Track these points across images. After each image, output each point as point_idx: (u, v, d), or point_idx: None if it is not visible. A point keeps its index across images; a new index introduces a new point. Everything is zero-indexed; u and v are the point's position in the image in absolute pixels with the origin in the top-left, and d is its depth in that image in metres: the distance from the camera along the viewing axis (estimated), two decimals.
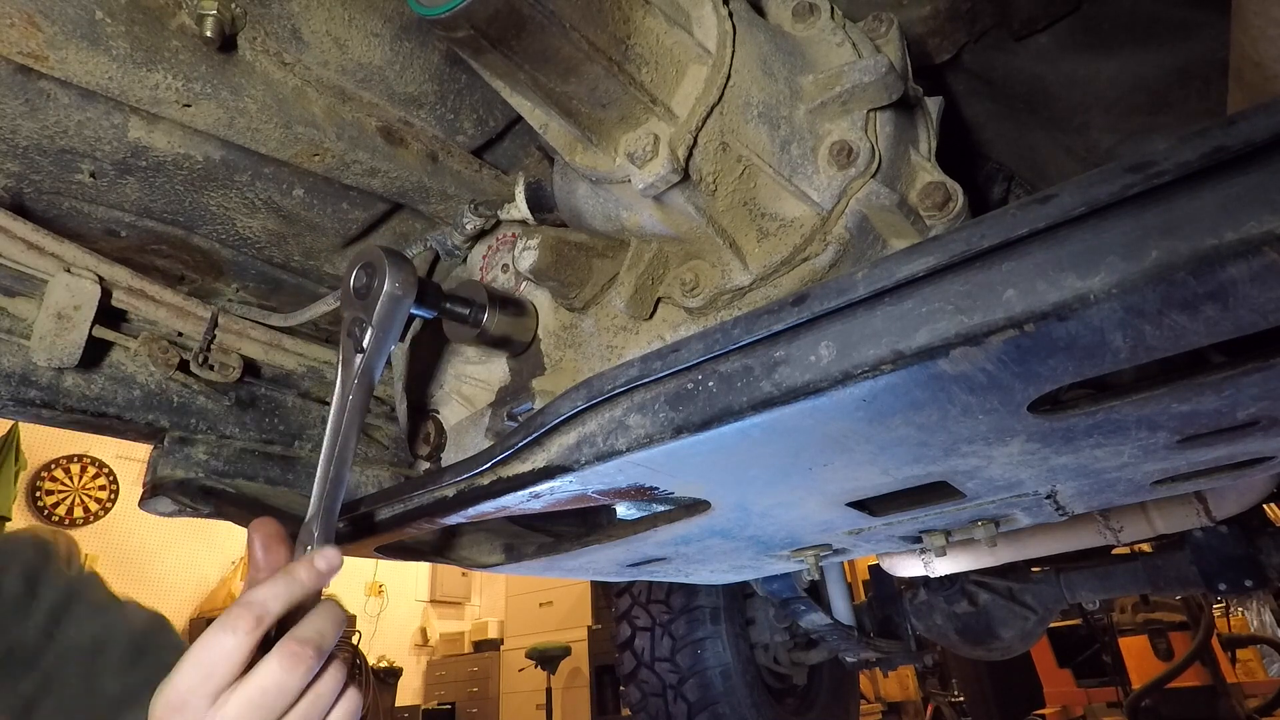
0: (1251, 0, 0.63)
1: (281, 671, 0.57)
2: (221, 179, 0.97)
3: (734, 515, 0.90)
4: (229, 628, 0.56)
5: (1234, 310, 0.45)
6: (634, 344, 0.87)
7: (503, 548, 1.18)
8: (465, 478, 0.78)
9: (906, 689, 5.60)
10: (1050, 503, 0.93)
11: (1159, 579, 1.94)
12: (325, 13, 0.87)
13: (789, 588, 1.89)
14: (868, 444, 0.67)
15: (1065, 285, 0.46)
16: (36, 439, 5.77)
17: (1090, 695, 4.21)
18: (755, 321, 0.58)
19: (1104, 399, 0.62)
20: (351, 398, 0.75)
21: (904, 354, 0.52)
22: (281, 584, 0.60)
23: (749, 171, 0.74)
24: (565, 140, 0.76)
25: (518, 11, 0.58)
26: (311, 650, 0.58)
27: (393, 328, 0.76)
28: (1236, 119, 0.42)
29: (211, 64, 0.83)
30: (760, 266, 0.76)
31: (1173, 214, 0.44)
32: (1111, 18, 0.98)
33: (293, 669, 0.57)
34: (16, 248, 0.89)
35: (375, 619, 7.77)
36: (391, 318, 0.76)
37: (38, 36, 0.72)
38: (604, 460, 0.67)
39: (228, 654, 0.56)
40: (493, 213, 1.01)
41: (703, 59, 0.70)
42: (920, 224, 0.76)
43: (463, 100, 1.02)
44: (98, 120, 0.85)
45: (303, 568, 0.63)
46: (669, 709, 2.12)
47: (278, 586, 0.60)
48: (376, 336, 0.75)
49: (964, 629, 2.12)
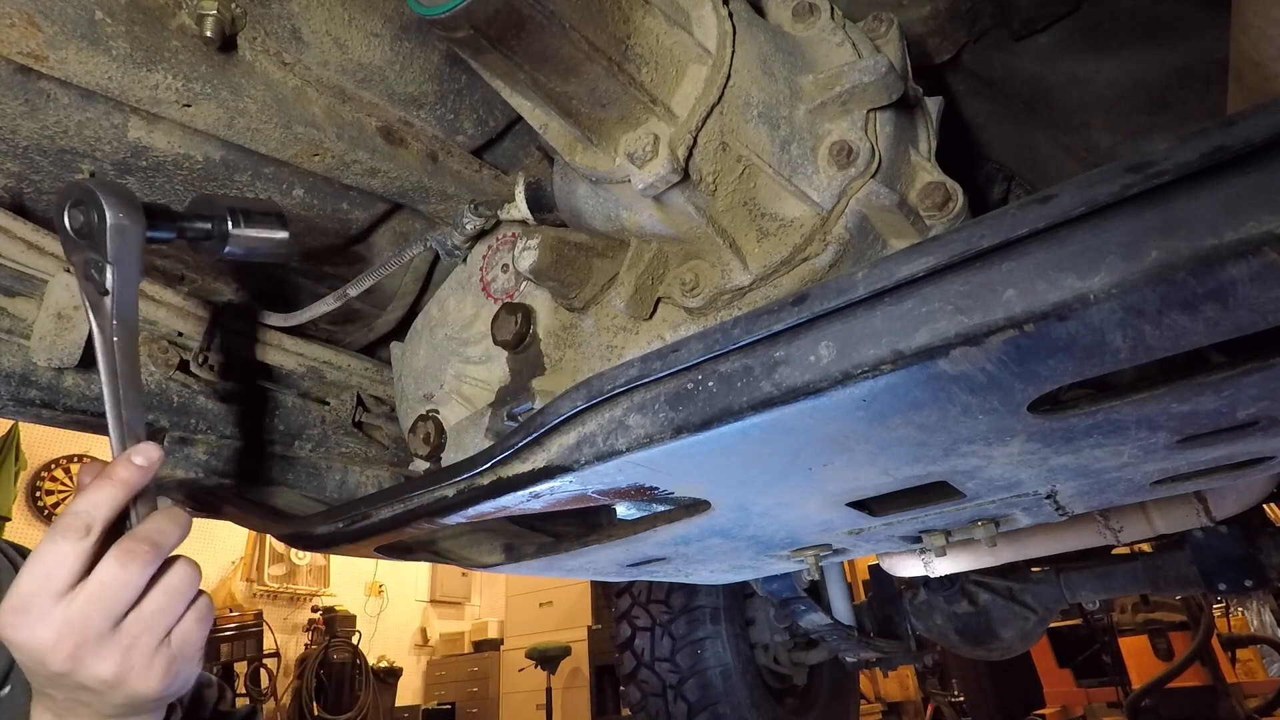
0: (1251, 0, 0.63)
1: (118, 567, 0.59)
2: (221, 179, 0.97)
3: (734, 515, 0.90)
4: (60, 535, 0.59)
5: (1234, 310, 0.45)
6: (634, 344, 0.87)
7: (503, 548, 1.18)
8: (465, 478, 0.78)
9: (906, 689, 5.60)
10: (1050, 503, 0.93)
11: (1159, 579, 1.93)
12: (325, 13, 0.87)
13: (789, 588, 1.89)
14: (868, 444, 0.67)
15: (1065, 285, 0.46)
16: (36, 439, 5.77)
17: (1090, 695, 4.22)
18: (755, 321, 0.58)
19: (1104, 399, 0.62)
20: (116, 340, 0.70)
21: (904, 354, 0.52)
22: (104, 487, 0.62)
23: (749, 171, 0.74)
24: (565, 140, 0.76)
25: (517, 11, 0.58)
26: (146, 546, 0.61)
27: (132, 258, 0.71)
28: (1236, 119, 0.42)
29: (211, 64, 0.83)
30: (760, 266, 0.76)
31: (1172, 214, 0.44)
32: (1111, 18, 0.98)
33: (127, 564, 0.60)
34: (16, 248, 0.89)
35: (375, 619, 7.77)
36: (127, 250, 0.71)
37: (38, 36, 0.72)
38: (604, 460, 0.67)
39: (64, 558, 0.58)
40: (493, 213, 1.01)
41: (703, 59, 0.70)
42: (920, 224, 0.76)
43: (463, 100, 1.02)
44: (98, 120, 0.85)
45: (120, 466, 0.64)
46: (669, 709, 2.12)
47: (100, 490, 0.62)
48: (120, 273, 0.70)
49: (964, 629, 2.12)
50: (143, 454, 0.65)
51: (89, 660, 0.59)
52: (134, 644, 0.60)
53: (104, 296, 0.70)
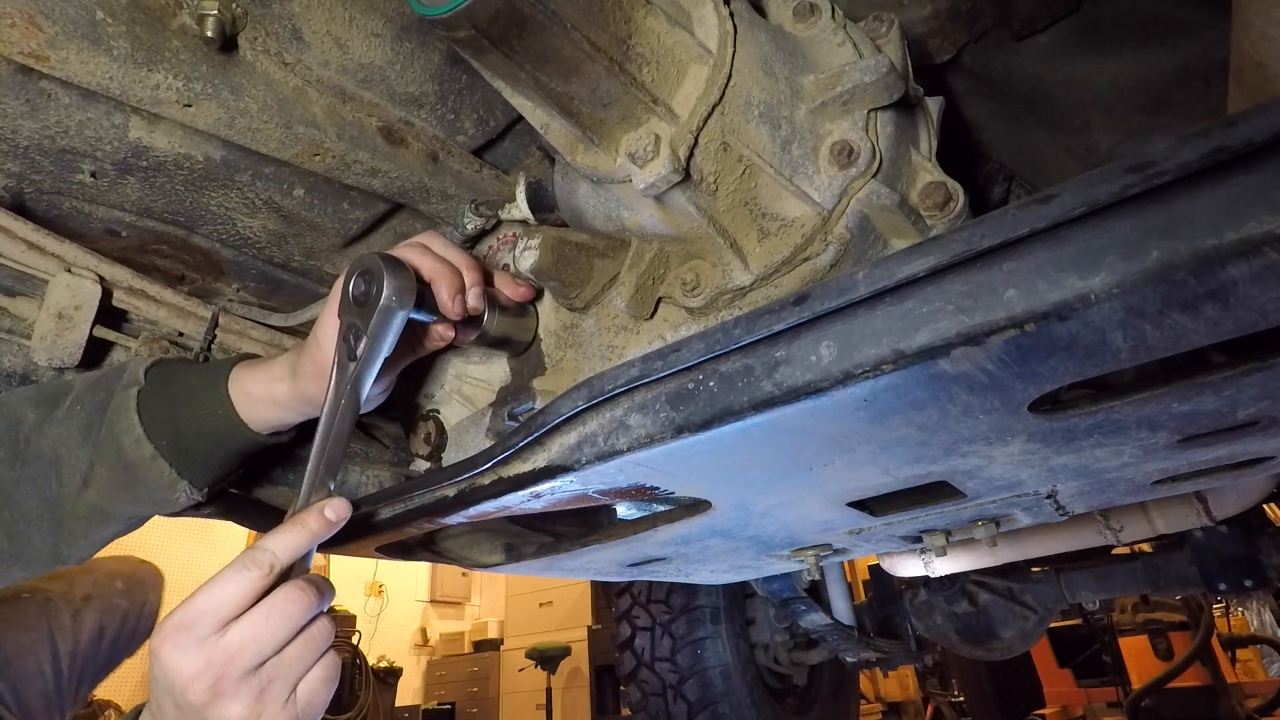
0: (1252, 0, 0.63)
1: (287, 604, 0.61)
2: (222, 179, 0.97)
3: (734, 515, 0.90)
4: (246, 566, 0.61)
5: (1234, 310, 0.45)
6: (635, 344, 0.87)
7: (503, 548, 1.18)
8: (466, 477, 0.78)
9: (906, 689, 5.60)
10: (1050, 502, 0.93)
11: (1159, 579, 1.94)
12: (326, 13, 0.87)
13: (789, 588, 1.89)
14: (868, 444, 0.67)
15: (1066, 285, 0.46)
16: None
17: (1090, 695, 4.21)
18: (756, 321, 0.58)
19: (1104, 399, 0.62)
20: (342, 404, 0.74)
21: (905, 354, 0.52)
22: (295, 532, 0.65)
23: (750, 171, 0.74)
24: (566, 140, 0.76)
25: (519, 12, 0.58)
26: (315, 591, 0.63)
27: (387, 337, 0.75)
28: (1237, 119, 0.42)
29: (212, 64, 0.83)
30: (761, 266, 0.76)
31: (1173, 214, 0.44)
32: (1112, 18, 0.98)
33: (297, 602, 0.62)
34: (17, 248, 0.89)
35: (375, 619, 7.77)
36: (386, 327, 0.75)
37: (39, 36, 0.72)
38: (605, 460, 0.67)
39: (240, 589, 0.60)
40: (493, 213, 1.01)
41: (704, 59, 0.70)
42: (921, 224, 0.76)
43: (463, 100, 1.02)
44: (98, 120, 0.85)
45: (313, 517, 0.66)
46: (669, 709, 2.13)
47: (292, 535, 0.64)
48: (370, 345, 0.74)
49: (964, 629, 2.12)
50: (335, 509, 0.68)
51: (225, 698, 0.58)
52: (267, 689, 0.60)
53: (350, 362, 0.75)
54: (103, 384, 0.85)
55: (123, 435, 0.81)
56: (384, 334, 0.75)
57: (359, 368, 0.75)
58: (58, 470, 0.83)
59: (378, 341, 0.75)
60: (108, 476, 0.82)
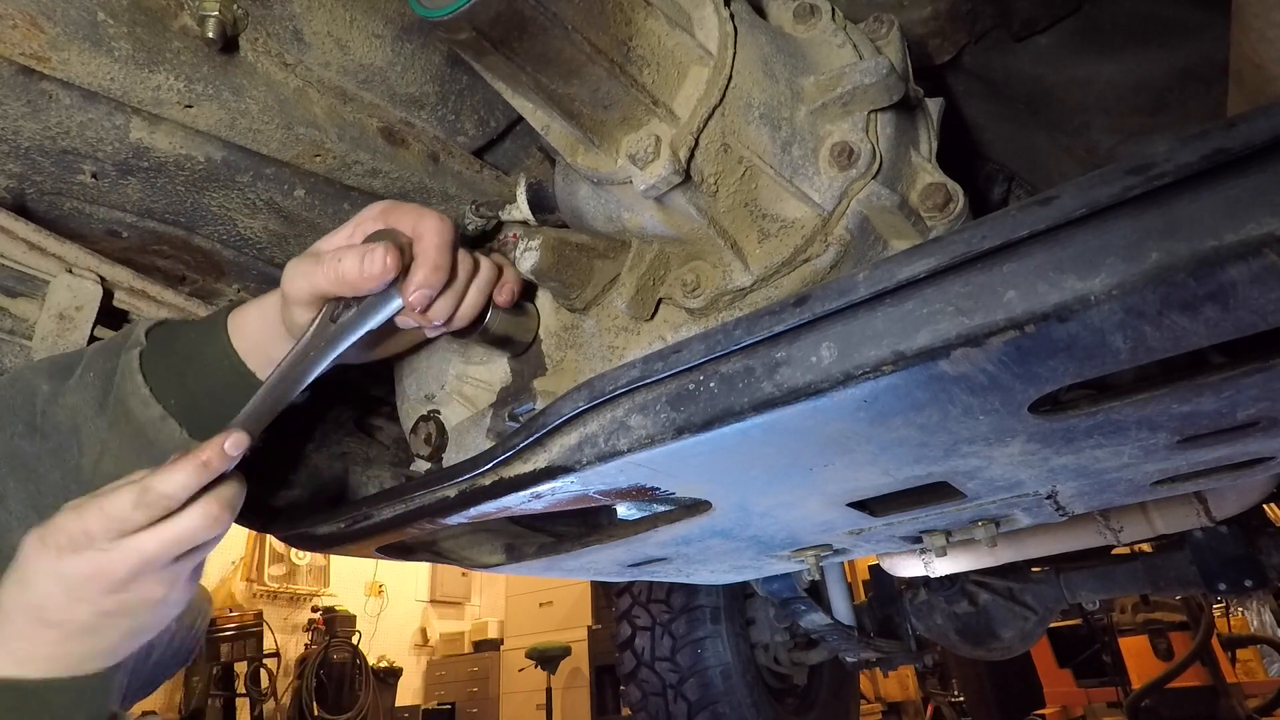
0: (1251, 1, 0.64)
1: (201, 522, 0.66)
2: (223, 180, 0.97)
3: (735, 515, 0.91)
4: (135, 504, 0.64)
5: (1234, 311, 0.46)
6: (635, 344, 0.87)
7: (503, 548, 1.18)
8: (467, 478, 0.78)
9: (906, 689, 5.60)
10: (1050, 503, 0.94)
11: (1159, 579, 1.94)
12: (327, 14, 0.87)
13: (789, 588, 1.89)
14: (868, 444, 0.67)
15: (1066, 287, 0.47)
16: None
17: (1090, 695, 4.22)
18: (757, 322, 0.58)
19: (1104, 400, 0.62)
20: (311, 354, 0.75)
21: (905, 355, 0.52)
22: (192, 471, 0.66)
23: (750, 173, 0.74)
24: (567, 141, 0.76)
25: (520, 14, 0.58)
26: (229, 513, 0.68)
27: (374, 316, 0.76)
28: (1236, 121, 0.42)
29: (213, 65, 0.83)
30: (761, 267, 0.76)
31: (1173, 216, 0.44)
32: (1111, 19, 0.98)
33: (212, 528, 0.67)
34: (18, 248, 0.89)
35: (375, 619, 7.78)
36: (376, 309, 0.76)
37: (40, 38, 0.72)
38: (605, 461, 0.67)
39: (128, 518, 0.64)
40: (494, 213, 1.01)
41: (704, 60, 0.70)
42: (921, 225, 0.76)
43: (464, 101, 1.02)
44: (100, 121, 0.85)
45: (212, 451, 0.67)
46: (669, 708, 2.13)
47: (188, 475, 0.66)
48: (354, 317, 0.76)
49: (964, 629, 2.12)
50: (234, 442, 0.68)
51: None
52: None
53: (330, 322, 0.76)
54: (112, 349, 0.84)
55: (129, 397, 0.80)
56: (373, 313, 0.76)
57: (338, 328, 0.76)
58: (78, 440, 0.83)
59: (364, 316, 0.76)
60: (121, 443, 0.82)
